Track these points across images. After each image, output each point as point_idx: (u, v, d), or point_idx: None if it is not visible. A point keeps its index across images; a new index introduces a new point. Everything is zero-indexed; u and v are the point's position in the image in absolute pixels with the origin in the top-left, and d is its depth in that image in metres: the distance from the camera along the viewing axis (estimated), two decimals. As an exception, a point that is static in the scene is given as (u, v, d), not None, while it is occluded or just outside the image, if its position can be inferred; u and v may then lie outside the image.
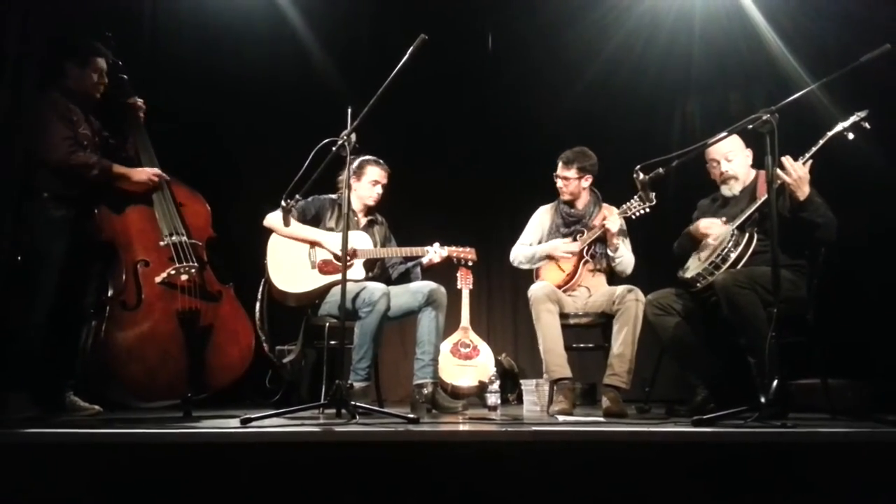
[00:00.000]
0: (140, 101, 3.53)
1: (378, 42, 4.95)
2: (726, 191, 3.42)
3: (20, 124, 3.29)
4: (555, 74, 5.19)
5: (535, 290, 3.56)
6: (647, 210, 3.60)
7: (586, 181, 3.79)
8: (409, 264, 3.85)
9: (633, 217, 3.66)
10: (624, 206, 3.66)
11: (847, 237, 3.19)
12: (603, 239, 3.70)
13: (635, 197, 3.57)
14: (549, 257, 3.78)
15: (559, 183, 3.80)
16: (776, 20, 4.54)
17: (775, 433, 2.30)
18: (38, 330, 3.11)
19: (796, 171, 2.97)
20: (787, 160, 2.97)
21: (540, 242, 3.88)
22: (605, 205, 3.86)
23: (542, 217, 3.94)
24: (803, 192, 2.98)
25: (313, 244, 3.68)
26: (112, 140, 3.48)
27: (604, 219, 3.71)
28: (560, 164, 3.79)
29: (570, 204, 3.84)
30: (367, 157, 3.81)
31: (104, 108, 3.51)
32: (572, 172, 3.76)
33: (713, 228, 3.33)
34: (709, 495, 2.12)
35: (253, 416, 2.60)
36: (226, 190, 4.11)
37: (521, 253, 3.88)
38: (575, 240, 3.76)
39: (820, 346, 3.13)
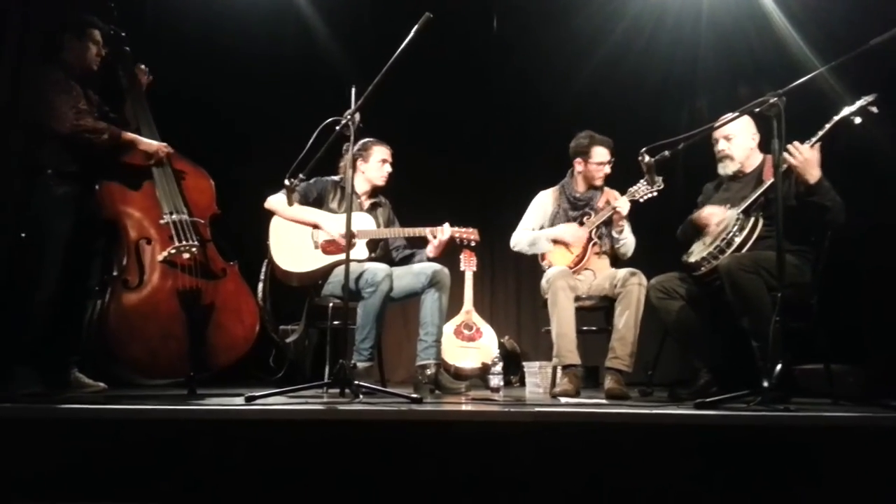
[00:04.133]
0: (145, 69, 3.50)
1: (382, 20, 4.90)
2: (721, 169, 3.41)
3: (22, 100, 3.29)
4: (561, 57, 5.14)
5: (553, 274, 3.54)
6: (655, 194, 3.59)
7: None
8: (414, 250, 3.85)
9: (641, 200, 3.65)
10: (631, 189, 3.65)
11: (853, 223, 3.17)
12: (609, 221, 3.69)
13: (642, 180, 3.56)
14: (555, 242, 3.77)
15: (604, 170, 3.77)
16: (785, 2, 4.49)
17: (777, 417, 2.29)
18: (44, 307, 3.12)
19: (802, 154, 2.95)
20: (793, 144, 2.95)
21: (542, 227, 3.88)
22: (606, 188, 3.85)
23: (545, 202, 3.93)
24: (812, 175, 2.96)
25: (313, 226, 3.67)
26: (112, 115, 3.46)
27: (607, 202, 3.72)
28: (601, 149, 3.76)
29: (584, 184, 3.83)
30: (370, 139, 3.79)
31: (105, 80, 3.48)
32: (611, 156, 3.77)
33: (715, 216, 3.31)
34: (711, 478, 2.12)
35: (257, 394, 2.61)
36: (228, 168, 4.09)
37: (522, 238, 3.86)
38: (582, 223, 3.75)
39: (823, 332, 3.12)
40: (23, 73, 3.27)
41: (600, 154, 3.77)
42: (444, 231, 3.66)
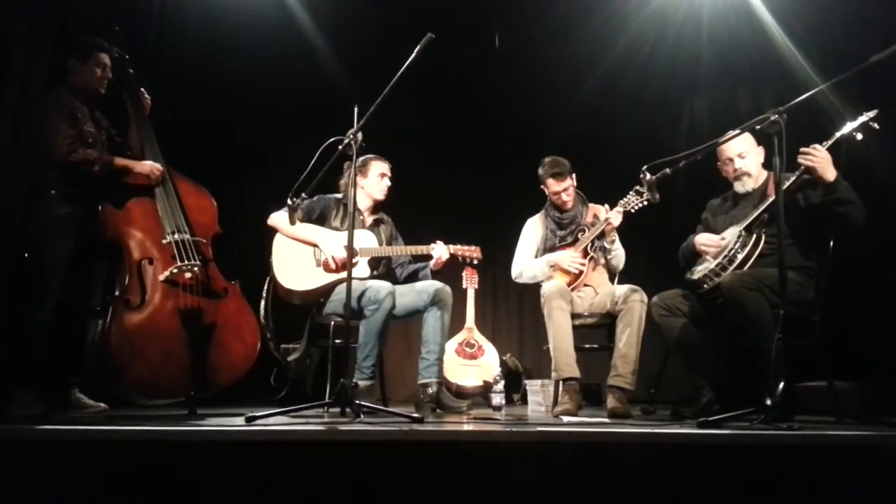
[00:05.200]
0: (146, 94, 3.54)
1: (385, 41, 4.94)
2: (739, 187, 3.39)
3: (28, 122, 3.31)
4: (562, 73, 5.18)
5: (548, 288, 3.56)
6: (646, 204, 3.61)
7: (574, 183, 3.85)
8: (419, 265, 3.85)
9: (633, 211, 3.66)
10: (622, 200, 3.67)
11: (855, 238, 3.16)
12: (601, 234, 3.72)
13: (631, 192, 3.60)
14: (553, 266, 3.78)
15: (562, 198, 3.83)
16: (784, 19, 4.52)
17: (781, 436, 2.28)
18: (44, 327, 3.12)
19: (820, 153, 2.94)
20: (811, 146, 2.95)
21: (538, 253, 3.90)
22: (591, 204, 3.90)
23: (535, 228, 3.97)
24: (832, 172, 2.95)
25: (313, 246, 3.68)
26: (119, 138, 3.49)
27: (594, 216, 3.78)
28: (553, 181, 3.81)
29: (559, 208, 3.86)
30: (368, 155, 3.81)
31: (109, 103, 3.52)
32: (568, 181, 3.81)
33: (712, 249, 3.30)
34: (714, 497, 2.11)
35: (258, 414, 2.60)
36: (232, 187, 4.11)
37: (525, 269, 3.88)
38: (577, 239, 3.77)
39: (826, 349, 3.11)
40: (28, 97, 3.30)
41: (552, 185, 3.84)
42: (438, 250, 3.67)
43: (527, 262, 3.88)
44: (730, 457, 2.16)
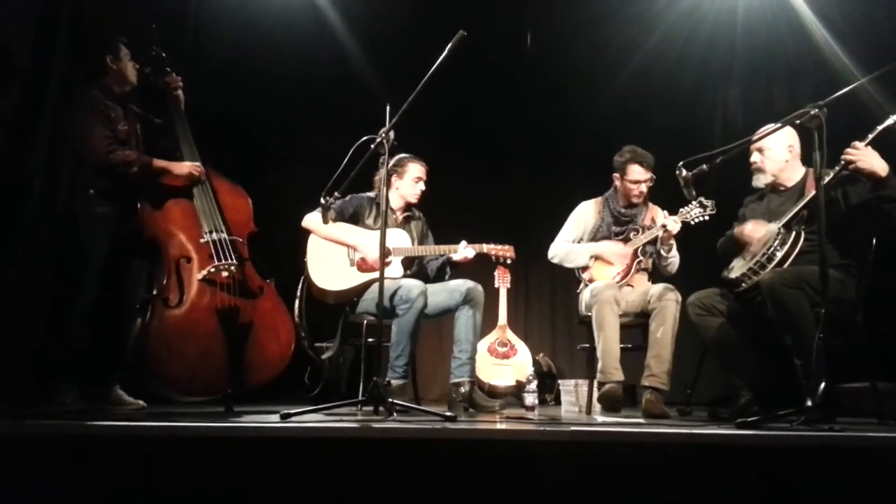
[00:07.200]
0: (177, 79, 3.56)
1: (416, 40, 4.95)
2: (754, 182, 3.36)
3: (68, 121, 3.40)
4: (594, 70, 5.12)
5: (601, 290, 3.46)
6: (707, 218, 3.54)
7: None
8: (441, 261, 3.85)
9: (692, 223, 3.58)
10: (683, 210, 3.57)
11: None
12: (654, 239, 3.65)
13: (694, 202, 3.49)
14: (596, 258, 3.73)
15: (641, 188, 3.71)
16: (823, 12, 4.42)
17: (822, 437, 2.23)
18: (83, 324, 3.19)
19: (860, 149, 2.86)
20: (851, 145, 2.88)
21: (581, 240, 3.83)
22: (651, 204, 3.81)
23: (586, 213, 3.87)
24: (880, 167, 2.85)
25: (349, 247, 3.70)
26: (157, 120, 3.54)
27: (652, 219, 3.71)
28: (639, 168, 3.69)
29: (628, 199, 3.77)
30: (406, 155, 3.82)
31: (143, 98, 3.58)
32: (650, 174, 3.70)
33: (758, 231, 3.24)
34: (753, 500, 2.07)
35: (292, 411, 2.62)
36: (267, 187, 4.16)
37: (561, 249, 3.81)
38: (628, 239, 3.71)
39: (869, 349, 3.03)
40: (67, 97, 3.38)
41: (636, 172, 3.70)
42: (460, 250, 3.66)
43: (568, 246, 3.80)
44: (769, 458, 2.12)
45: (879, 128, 2.90)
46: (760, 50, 4.82)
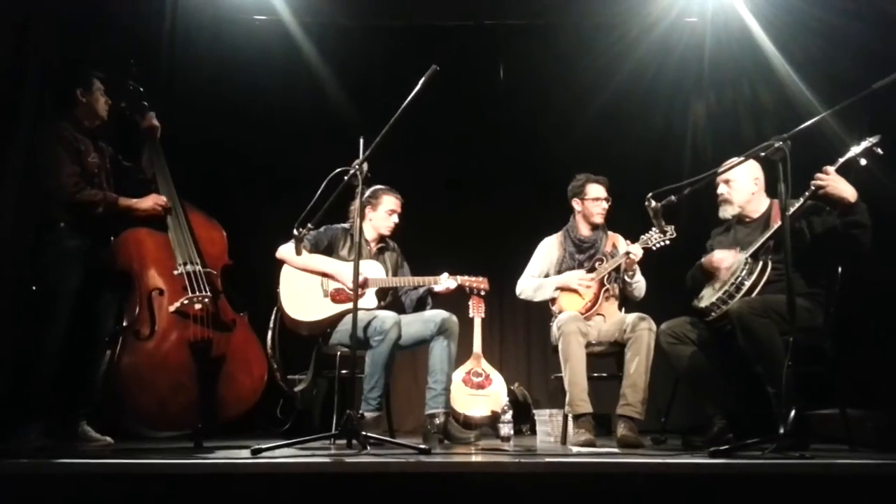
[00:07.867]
0: (155, 119, 3.56)
1: (391, 72, 5.01)
2: (721, 213, 3.43)
3: (37, 153, 3.36)
4: (565, 103, 5.22)
5: (565, 321, 3.49)
6: (668, 243, 3.60)
7: None
8: (422, 290, 3.84)
9: (654, 249, 3.64)
10: (644, 236, 3.64)
11: (863, 264, 3.15)
12: (618, 268, 3.69)
13: (654, 229, 3.55)
14: (562, 289, 3.76)
15: (601, 205, 3.80)
16: (786, 48, 4.55)
17: (793, 465, 2.25)
18: (52, 359, 3.13)
19: (829, 174, 2.92)
20: (822, 170, 2.95)
21: (548, 274, 3.88)
22: (610, 232, 3.88)
23: (550, 247, 3.94)
24: (849, 192, 2.92)
25: (325, 276, 3.68)
26: (126, 162, 3.53)
27: (614, 245, 3.76)
28: (596, 186, 3.80)
29: (588, 222, 3.84)
30: (381, 187, 3.83)
31: (119, 130, 3.57)
32: (606, 193, 3.81)
33: (726, 261, 3.30)
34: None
35: (263, 446, 2.58)
36: (240, 218, 4.14)
37: (528, 286, 3.87)
38: (593, 268, 3.74)
39: (838, 376, 3.07)
40: (38, 131, 3.35)
41: (595, 190, 3.80)
42: (443, 281, 3.68)
43: (535, 281, 3.85)
44: (742, 487, 2.13)
45: (841, 160, 2.98)
46: (727, 83, 4.95)
